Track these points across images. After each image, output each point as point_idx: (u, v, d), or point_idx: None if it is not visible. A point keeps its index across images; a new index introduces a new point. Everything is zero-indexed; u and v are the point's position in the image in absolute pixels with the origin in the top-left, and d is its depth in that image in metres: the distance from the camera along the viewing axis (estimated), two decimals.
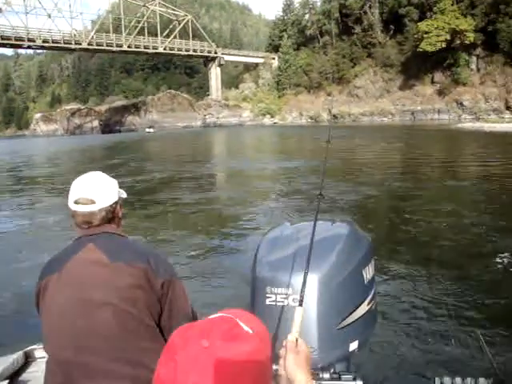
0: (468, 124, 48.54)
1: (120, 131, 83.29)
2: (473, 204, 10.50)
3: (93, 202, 1.69)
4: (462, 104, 64.26)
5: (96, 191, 1.71)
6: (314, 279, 1.65)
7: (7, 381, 2.06)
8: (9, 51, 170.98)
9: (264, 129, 66.71)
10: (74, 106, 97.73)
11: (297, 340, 1.07)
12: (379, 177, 15.30)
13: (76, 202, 1.70)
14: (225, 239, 8.24)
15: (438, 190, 12.68)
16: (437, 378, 1.82)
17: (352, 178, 15.12)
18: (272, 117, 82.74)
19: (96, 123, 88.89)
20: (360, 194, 11.91)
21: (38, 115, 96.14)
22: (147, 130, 76.32)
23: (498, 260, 6.24)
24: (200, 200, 12.30)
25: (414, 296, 5.12)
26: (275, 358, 0.94)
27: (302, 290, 1.43)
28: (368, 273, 1.83)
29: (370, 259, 1.89)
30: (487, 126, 41.03)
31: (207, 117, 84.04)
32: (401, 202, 11.06)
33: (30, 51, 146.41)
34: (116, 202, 1.78)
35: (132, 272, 1.58)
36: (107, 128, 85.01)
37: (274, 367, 0.92)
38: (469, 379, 1.76)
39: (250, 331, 0.73)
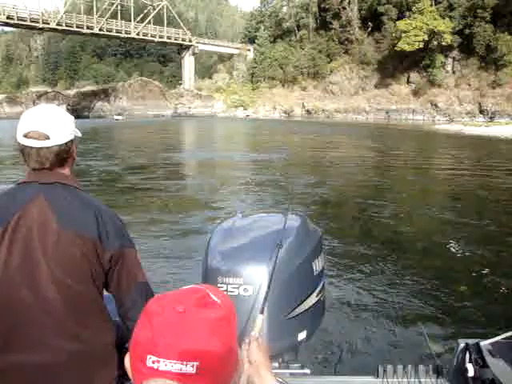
0: (444, 126, 48.37)
1: (88, 117, 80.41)
2: (441, 203, 10.78)
3: (46, 138, 1.49)
4: (436, 105, 64.26)
5: (51, 125, 1.51)
6: (264, 270, 1.70)
7: None
8: None
9: (236, 121, 65.58)
10: (40, 88, 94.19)
11: (257, 339, 1.20)
12: (346, 175, 15.32)
13: (26, 136, 1.49)
14: (186, 225, 8.41)
15: (406, 189, 12.91)
16: (380, 366, 1.86)
17: (318, 172, 15.66)
18: (245, 109, 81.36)
19: (63, 108, 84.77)
20: (322, 189, 12.32)
21: (1, 96, 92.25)
22: (115, 117, 73.75)
23: (446, 255, 6.63)
24: (166, 187, 12.69)
25: (361, 288, 5.31)
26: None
27: (254, 280, 1.61)
28: (317, 265, 1.89)
29: (319, 252, 1.95)
30: (467, 129, 40.63)
31: (179, 106, 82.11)
32: (362, 199, 11.29)
33: None
34: (72, 141, 1.59)
35: (80, 243, 1.46)
36: (75, 113, 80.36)
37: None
38: (409, 366, 1.83)
39: (219, 302, 0.77)
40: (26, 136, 1.48)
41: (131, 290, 1.55)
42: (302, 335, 1.79)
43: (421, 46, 61.10)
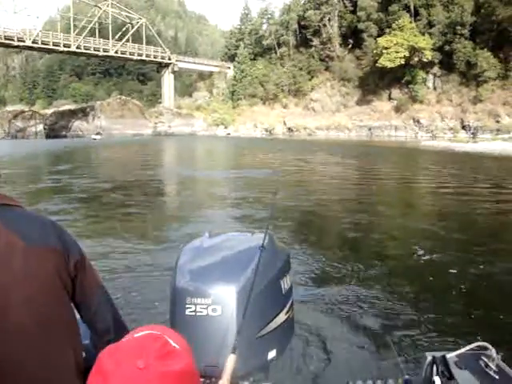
0: (430, 142, 47.60)
1: (66, 136, 78.80)
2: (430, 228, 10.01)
3: None
4: (418, 121, 63.91)
5: None
6: (232, 289, 1.72)
7: None
8: None
9: (217, 139, 64.74)
10: (16, 108, 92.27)
11: None
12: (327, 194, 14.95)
13: None
14: (157, 242, 8.48)
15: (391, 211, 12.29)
16: (350, 382, 1.89)
17: (299, 190, 15.45)
18: (226, 127, 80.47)
19: (40, 127, 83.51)
20: (300, 207, 12.36)
21: None
22: (93, 136, 72.09)
23: (415, 268, 6.83)
24: (144, 203, 13.08)
25: (329, 304, 5.34)
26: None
27: (222, 300, 1.65)
28: (286, 283, 1.92)
29: (287, 270, 1.97)
30: (455, 146, 39.74)
31: (158, 125, 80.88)
32: (342, 216, 11.20)
33: None
34: None
35: (50, 256, 1.42)
36: (52, 133, 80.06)
37: None
38: (379, 381, 1.85)
39: (178, 347, 0.73)
40: None
41: (96, 293, 1.54)
42: (271, 354, 1.80)
43: (402, 62, 61.06)
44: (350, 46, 73.98)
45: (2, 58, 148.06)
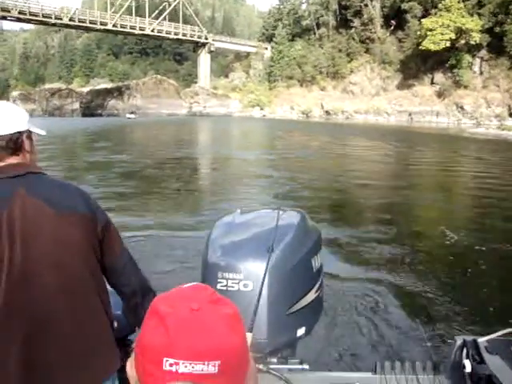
0: (478, 129, 45.00)
1: (101, 115, 79.12)
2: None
3: None
4: (462, 108, 61.10)
5: None
6: (264, 266, 1.71)
7: None
8: None
9: (253, 121, 63.64)
10: (54, 85, 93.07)
11: None
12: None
13: None
14: (188, 218, 8.64)
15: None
16: (378, 362, 1.89)
17: (336, 174, 15.26)
18: (261, 109, 79.21)
19: (77, 105, 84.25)
20: (333, 188, 12.40)
21: (15, 93, 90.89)
22: (128, 115, 71.99)
23: (448, 253, 6.72)
24: (179, 180, 13.51)
25: (359, 284, 5.31)
26: None
27: (254, 276, 1.66)
28: (316, 261, 1.92)
29: (318, 249, 1.98)
30: (510, 134, 36.47)
31: (194, 105, 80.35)
32: (375, 200, 11.06)
33: (16, 27, 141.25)
34: (20, 133, 1.57)
35: (78, 222, 1.49)
36: (88, 111, 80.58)
37: None
38: (407, 363, 1.86)
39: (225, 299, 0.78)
40: None
41: (122, 255, 1.61)
42: (300, 331, 1.81)
43: (447, 44, 57.87)
44: (392, 27, 71.03)
45: (42, 36, 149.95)
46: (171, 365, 0.66)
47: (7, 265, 1.39)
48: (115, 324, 1.63)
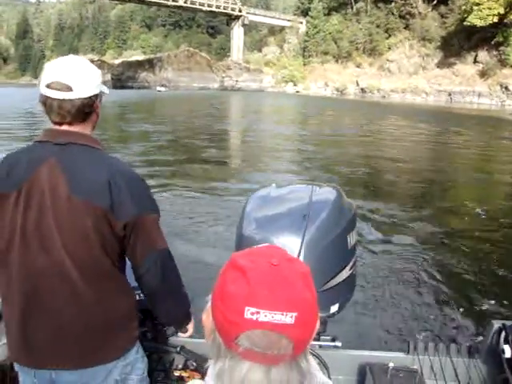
0: None
1: (132, 87, 78.67)
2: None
3: (69, 89, 1.44)
4: (506, 88, 57.97)
5: (75, 77, 1.46)
6: (299, 240, 1.71)
7: None
8: None
9: (286, 97, 62.26)
10: (86, 57, 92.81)
11: None
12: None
13: (48, 86, 1.44)
14: (224, 190, 8.93)
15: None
16: (411, 343, 1.91)
17: (370, 151, 15.10)
18: (295, 85, 77.66)
19: (108, 77, 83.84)
20: (368, 167, 12.21)
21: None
22: (158, 88, 71.34)
23: (488, 238, 6.36)
24: (216, 155, 13.56)
25: (394, 264, 5.25)
26: None
27: (289, 251, 1.65)
28: (352, 238, 1.89)
29: (354, 226, 1.95)
30: None
31: (225, 79, 79.19)
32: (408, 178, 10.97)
33: None
34: (96, 95, 1.53)
35: (91, 212, 1.44)
36: (119, 83, 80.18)
37: None
38: (441, 344, 1.87)
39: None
40: (48, 86, 1.43)
41: (146, 257, 1.52)
42: (334, 308, 1.80)
43: (495, 20, 54.80)
44: (435, 1, 67.98)
45: (76, 8, 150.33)
46: (252, 313, 0.70)
47: (20, 231, 1.43)
48: (137, 297, 1.65)
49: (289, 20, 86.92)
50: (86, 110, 1.48)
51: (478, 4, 55.16)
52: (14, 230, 1.43)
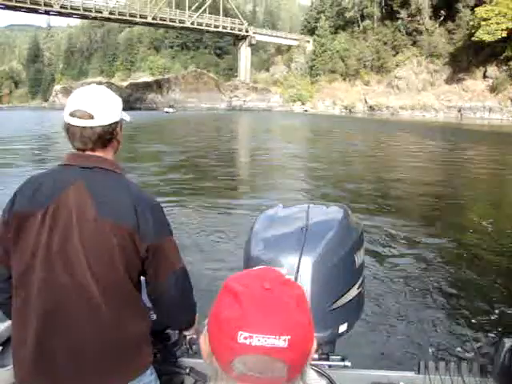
0: None
1: (140, 109, 78.79)
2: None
3: (90, 117, 1.52)
4: None
5: (96, 105, 1.53)
6: (308, 261, 1.72)
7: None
8: (42, 22, 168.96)
9: (294, 116, 61.97)
10: (95, 79, 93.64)
11: None
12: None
13: (72, 115, 1.52)
14: (231, 209, 8.98)
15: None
16: (421, 362, 1.90)
17: (382, 173, 14.66)
18: (303, 104, 77.43)
19: None
20: (376, 185, 12.21)
21: (58, 87, 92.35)
22: (166, 109, 71.14)
23: (497, 247, 6.59)
24: (223, 173, 13.73)
25: (402, 282, 5.20)
26: None
27: (297, 271, 1.69)
28: (359, 257, 1.89)
29: (361, 244, 1.96)
30: None
31: (233, 99, 79.21)
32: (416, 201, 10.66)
33: (63, 24, 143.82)
34: (117, 123, 1.59)
35: (118, 233, 1.49)
36: (127, 105, 79.83)
37: None
38: (452, 363, 1.85)
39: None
40: (71, 115, 1.51)
41: (166, 279, 1.58)
42: (343, 327, 1.81)
43: (503, 35, 54.29)
44: (442, 18, 67.62)
45: (86, 32, 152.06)
46: (245, 338, 0.71)
47: (44, 251, 1.45)
48: (153, 317, 1.71)
49: (296, 39, 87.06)
50: (106, 136, 1.54)
51: (485, 19, 54.80)
52: (37, 250, 1.46)
